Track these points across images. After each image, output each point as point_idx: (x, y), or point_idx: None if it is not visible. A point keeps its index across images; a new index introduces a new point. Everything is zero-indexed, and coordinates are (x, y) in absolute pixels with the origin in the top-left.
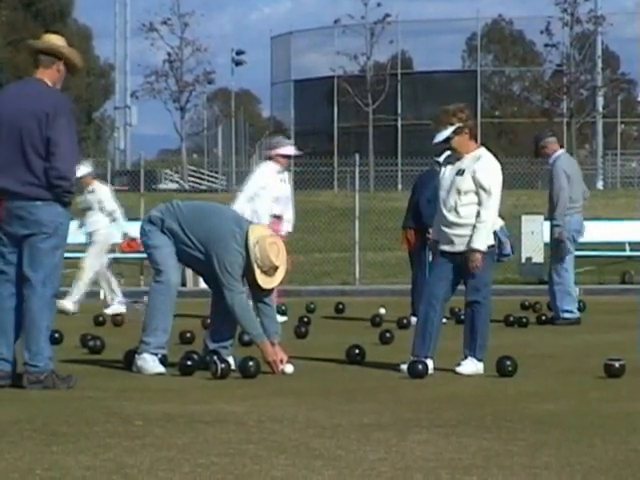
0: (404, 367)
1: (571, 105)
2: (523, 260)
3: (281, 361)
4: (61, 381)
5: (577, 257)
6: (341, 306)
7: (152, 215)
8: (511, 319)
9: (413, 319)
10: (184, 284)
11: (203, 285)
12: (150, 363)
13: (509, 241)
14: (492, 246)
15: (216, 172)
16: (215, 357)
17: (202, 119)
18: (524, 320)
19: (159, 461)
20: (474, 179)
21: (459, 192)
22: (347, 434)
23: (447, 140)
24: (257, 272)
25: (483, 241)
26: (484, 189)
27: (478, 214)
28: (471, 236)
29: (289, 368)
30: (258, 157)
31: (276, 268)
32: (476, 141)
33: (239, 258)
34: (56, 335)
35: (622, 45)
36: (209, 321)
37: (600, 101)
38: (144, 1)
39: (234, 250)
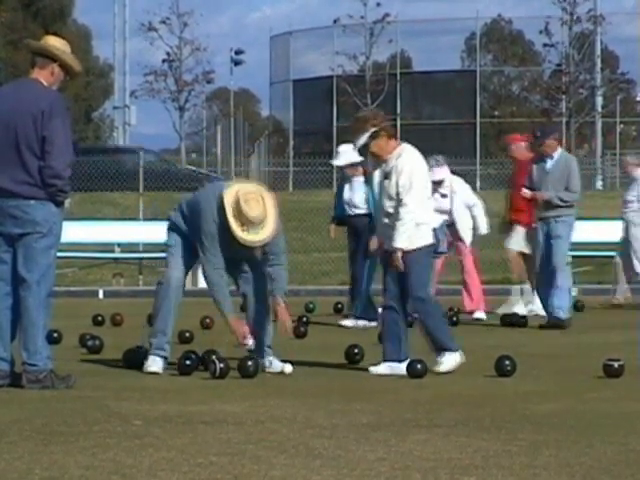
0: (373, 369)
1: (570, 105)
2: None
3: (285, 322)
4: (60, 381)
5: (575, 257)
6: (340, 306)
7: (170, 215)
8: (509, 319)
9: None
10: None
11: (202, 285)
12: (148, 362)
13: (446, 239)
14: (431, 245)
15: (215, 172)
16: (214, 357)
17: (201, 118)
18: (523, 320)
19: (158, 461)
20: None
21: (390, 197)
22: (346, 434)
23: (366, 146)
24: (233, 227)
25: (402, 240)
26: (403, 187)
27: (398, 213)
28: (393, 235)
29: (288, 368)
30: (257, 157)
31: (253, 222)
32: (396, 140)
33: (212, 226)
34: (55, 335)
35: (621, 45)
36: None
37: (599, 101)
38: (143, 1)
39: (210, 220)
